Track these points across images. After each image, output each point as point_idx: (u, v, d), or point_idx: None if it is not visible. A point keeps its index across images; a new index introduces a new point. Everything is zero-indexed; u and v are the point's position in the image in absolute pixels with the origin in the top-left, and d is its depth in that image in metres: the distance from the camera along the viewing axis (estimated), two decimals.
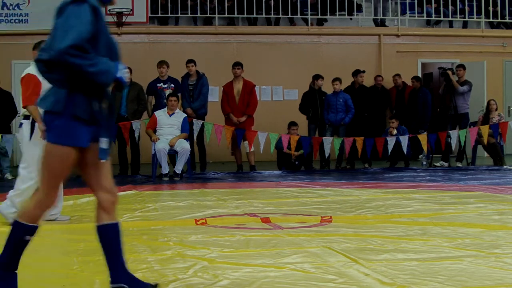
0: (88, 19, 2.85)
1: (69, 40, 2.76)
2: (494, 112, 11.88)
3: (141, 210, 6.28)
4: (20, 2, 12.98)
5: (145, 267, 3.77)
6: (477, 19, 14.99)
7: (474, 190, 7.62)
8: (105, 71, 2.86)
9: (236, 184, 9.20)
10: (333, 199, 6.97)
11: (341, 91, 11.63)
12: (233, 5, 13.95)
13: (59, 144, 2.90)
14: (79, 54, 2.78)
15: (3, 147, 10.08)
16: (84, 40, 2.81)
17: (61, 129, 2.90)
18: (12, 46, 13.17)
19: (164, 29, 13.96)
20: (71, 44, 2.76)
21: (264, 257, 4.03)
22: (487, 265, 3.71)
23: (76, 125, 2.89)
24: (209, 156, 12.11)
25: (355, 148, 11.21)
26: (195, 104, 10.80)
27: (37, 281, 3.47)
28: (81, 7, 2.86)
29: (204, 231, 5.02)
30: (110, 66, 2.89)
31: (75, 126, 2.89)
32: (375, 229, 5.01)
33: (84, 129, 2.92)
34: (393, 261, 3.84)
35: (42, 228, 5.15)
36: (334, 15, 14.35)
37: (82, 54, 2.79)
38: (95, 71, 2.82)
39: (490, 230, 4.88)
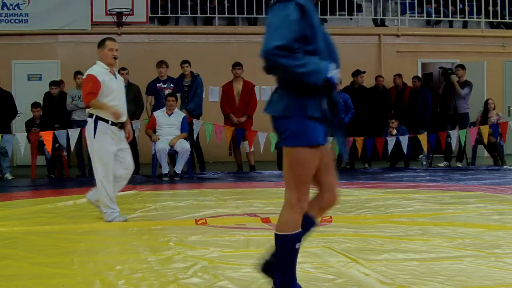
0: (294, 17, 2.75)
1: (275, 41, 2.70)
2: (492, 112, 11.88)
3: (141, 210, 6.28)
4: (20, 2, 12.98)
5: (145, 267, 3.77)
6: (477, 19, 14.99)
7: (474, 190, 7.62)
8: (315, 71, 2.75)
9: (236, 184, 9.20)
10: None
11: (341, 91, 11.62)
12: (233, 5, 13.96)
13: (300, 146, 2.84)
14: (287, 55, 2.70)
15: (3, 147, 10.08)
16: (291, 40, 2.72)
17: (298, 132, 2.83)
18: (12, 46, 13.18)
19: (164, 29, 13.96)
20: (277, 45, 2.69)
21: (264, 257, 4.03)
22: (487, 265, 3.71)
23: (311, 124, 2.83)
24: (209, 156, 12.12)
25: (355, 148, 11.21)
26: (190, 105, 10.79)
27: (37, 281, 3.47)
28: (287, 6, 2.77)
29: (204, 231, 5.02)
30: (321, 66, 2.78)
31: (310, 125, 2.83)
32: (375, 229, 5.01)
33: (319, 127, 2.86)
34: (393, 261, 3.84)
35: (42, 228, 5.18)
36: (334, 15, 14.35)
37: (290, 54, 2.71)
38: (304, 71, 2.73)
39: (490, 230, 4.88)
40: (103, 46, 5.74)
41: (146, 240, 4.73)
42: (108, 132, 5.60)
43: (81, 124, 10.55)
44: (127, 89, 10.65)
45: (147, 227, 5.34)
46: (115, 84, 5.73)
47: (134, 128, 10.47)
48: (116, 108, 5.59)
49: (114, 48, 5.73)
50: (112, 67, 5.75)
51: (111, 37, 5.94)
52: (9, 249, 4.37)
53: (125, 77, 10.71)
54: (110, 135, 5.61)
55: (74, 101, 10.67)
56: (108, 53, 5.69)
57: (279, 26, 2.73)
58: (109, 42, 5.75)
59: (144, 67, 12.37)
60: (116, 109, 5.58)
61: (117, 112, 5.57)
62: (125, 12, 13.01)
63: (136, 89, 10.74)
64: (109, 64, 5.71)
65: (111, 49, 5.70)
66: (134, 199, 7.26)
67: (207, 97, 13.03)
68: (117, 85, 5.77)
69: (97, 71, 5.67)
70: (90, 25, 13.26)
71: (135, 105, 10.68)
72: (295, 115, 2.83)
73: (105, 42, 5.75)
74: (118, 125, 5.66)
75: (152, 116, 10.22)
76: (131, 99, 10.64)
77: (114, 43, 5.78)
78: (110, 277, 3.53)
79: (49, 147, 10.03)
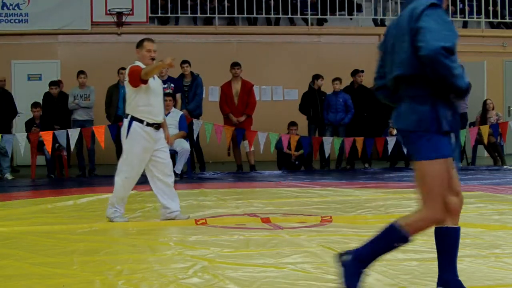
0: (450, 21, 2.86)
1: (441, 42, 2.75)
2: (491, 112, 11.88)
3: (141, 210, 6.28)
4: (20, 2, 12.98)
5: (145, 267, 3.77)
6: (477, 19, 14.99)
7: (474, 190, 7.62)
8: (461, 75, 2.82)
9: (236, 184, 9.20)
10: (333, 199, 6.96)
11: (341, 91, 11.63)
12: (233, 5, 13.95)
13: (434, 159, 2.88)
14: (449, 56, 2.76)
15: (3, 147, 10.08)
16: (454, 44, 2.79)
17: (432, 145, 2.88)
18: (12, 46, 13.17)
19: (164, 29, 13.95)
20: (443, 46, 2.74)
21: (264, 257, 4.03)
22: (487, 265, 3.71)
23: (443, 137, 2.90)
24: (209, 156, 12.12)
25: (355, 148, 11.21)
26: (190, 106, 10.80)
27: (37, 281, 3.47)
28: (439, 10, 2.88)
29: (204, 231, 5.02)
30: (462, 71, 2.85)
31: (443, 138, 2.89)
32: (375, 229, 4.98)
33: (448, 139, 2.92)
34: (393, 261, 3.84)
35: (42, 228, 5.18)
36: (334, 15, 14.34)
37: (452, 56, 2.77)
38: (458, 74, 2.79)
39: (490, 230, 4.88)
40: (141, 46, 5.67)
41: (146, 240, 4.73)
42: (142, 133, 5.48)
43: (82, 124, 10.56)
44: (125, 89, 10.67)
45: (147, 227, 5.34)
46: (153, 84, 5.66)
47: None
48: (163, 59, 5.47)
49: (152, 49, 5.64)
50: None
51: (150, 38, 5.83)
52: (9, 249, 4.37)
53: (124, 77, 10.71)
54: (144, 137, 5.48)
55: (76, 100, 10.68)
56: (146, 54, 5.62)
57: (441, 29, 2.81)
58: (147, 43, 5.66)
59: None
60: (164, 60, 5.47)
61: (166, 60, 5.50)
62: (125, 12, 13.01)
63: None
64: (146, 64, 5.64)
65: (149, 50, 5.62)
66: (134, 199, 7.25)
67: (207, 97, 13.02)
68: (155, 86, 5.67)
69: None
70: (90, 25, 13.25)
71: None
72: (429, 129, 2.89)
73: (143, 43, 5.68)
74: (154, 125, 5.53)
75: None
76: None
77: (152, 44, 5.69)
78: (110, 277, 3.53)
79: (49, 147, 10.03)
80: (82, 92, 10.76)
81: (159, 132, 5.59)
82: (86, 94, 10.73)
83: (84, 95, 10.73)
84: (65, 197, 7.40)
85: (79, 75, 10.81)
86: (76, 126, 10.50)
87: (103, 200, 7.19)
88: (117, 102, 10.64)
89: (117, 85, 10.76)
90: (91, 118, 10.80)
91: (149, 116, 5.52)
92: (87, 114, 10.77)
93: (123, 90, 10.65)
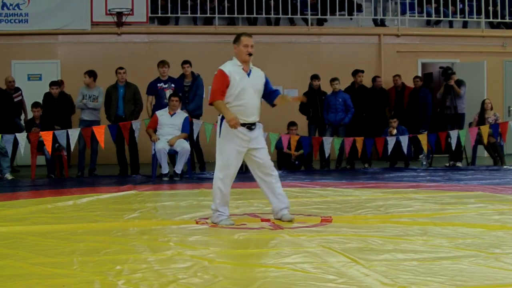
0: None
1: None
2: (490, 112, 11.88)
3: (141, 210, 6.28)
4: (20, 2, 12.98)
5: (145, 267, 3.76)
6: (477, 19, 14.99)
7: (474, 190, 7.62)
8: None
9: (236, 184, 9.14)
10: (333, 199, 6.96)
11: (341, 91, 11.63)
12: (233, 5, 13.95)
13: None
14: None
15: (3, 147, 10.08)
16: None
17: None
18: (12, 46, 13.18)
19: (164, 29, 13.96)
20: None
21: (264, 257, 4.03)
22: (488, 265, 3.71)
23: None
24: (209, 156, 12.10)
25: (355, 148, 11.21)
26: (190, 106, 10.79)
27: (37, 281, 3.47)
28: None
29: (204, 231, 5.02)
30: None
31: None
32: (375, 229, 5.01)
33: None
34: (393, 261, 3.84)
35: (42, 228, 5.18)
36: (334, 15, 14.35)
37: None
38: None
39: (490, 230, 4.88)
40: (238, 41, 5.49)
41: (146, 240, 4.72)
42: (236, 132, 5.32)
43: (90, 124, 10.56)
44: (125, 89, 10.67)
45: (147, 227, 5.34)
46: (246, 82, 5.41)
47: (134, 128, 10.51)
48: (232, 117, 5.24)
49: (250, 44, 5.45)
50: (246, 64, 5.49)
51: (247, 33, 5.66)
52: (9, 249, 4.37)
53: (122, 76, 10.71)
54: (236, 136, 5.34)
55: (84, 99, 10.66)
56: (243, 49, 5.43)
57: None
58: (244, 38, 5.48)
59: (144, 67, 12.38)
60: (233, 118, 5.24)
61: (232, 121, 5.24)
62: (125, 12, 13.01)
63: (134, 89, 10.73)
64: (243, 60, 5.46)
65: (246, 45, 5.43)
66: (134, 199, 7.26)
67: (207, 97, 13.00)
68: (249, 82, 5.43)
69: (228, 68, 5.46)
70: (90, 25, 13.26)
71: (133, 105, 10.69)
72: None
73: (241, 37, 5.50)
74: (246, 125, 5.36)
75: (154, 116, 10.21)
76: (129, 98, 10.66)
77: (249, 39, 5.50)
78: (110, 277, 3.53)
79: (49, 147, 10.03)
80: (91, 92, 10.73)
81: (253, 132, 5.40)
82: (94, 95, 10.71)
83: (92, 96, 10.70)
84: (65, 197, 7.40)
85: (85, 74, 10.80)
86: (83, 126, 10.51)
87: (103, 200, 7.20)
88: (117, 102, 10.64)
89: (116, 85, 10.75)
90: (98, 118, 10.80)
91: (240, 117, 5.31)
92: (94, 115, 10.74)
93: (122, 90, 10.70)
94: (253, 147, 5.40)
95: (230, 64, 5.52)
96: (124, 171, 10.77)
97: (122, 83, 10.70)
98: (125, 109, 10.62)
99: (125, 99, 10.63)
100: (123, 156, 10.79)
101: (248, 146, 5.37)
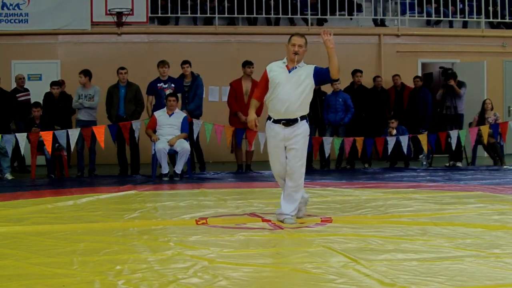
0: None
1: None
2: (490, 112, 11.88)
3: (141, 210, 6.28)
4: (20, 2, 12.98)
5: (145, 267, 3.76)
6: (477, 19, 14.99)
7: (474, 190, 7.62)
8: None
9: (236, 184, 9.20)
10: (333, 199, 6.96)
11: (340, 90, 11.63)
12: (233, 5, 13.96)
13: None
14: None
15: (3, 147, 10.08)
16: None
17: None
18: (12, 46, 13.19)
19: (164, 29, 13.96)
20: None
21: (264, 257, 4.03)
22: (488, 265, 3.71)
23: None
24: (209, 156, 12.11)
25: (355, 148, 11.21)
26: (190, 106, 10.79)
27: (37, 281, 3.47)
28: None
29: (204, 231, 5.02)
30: None
31: None
32: (375, 229, 5.01)
33: None
34: (393, 261, 3.84)
35: (42, 228, 5.18)
36: (334, 15, 14.35)
37: None
38: None
39: (490, 230, 4.88)
40: (288, 41, 5.63)
41: (146, 240, 4.72)
42: (270, 128, 5.52)
43: (86, 124, 10.55)
44: (126, 89, 10.67)
45: (147, 227, 5.34)
46: (284, 78, 5.50)
47: (134, 128, 10.51)
48: (251, 119, 5.61)
49: (297, 43, 5.55)
50: (292, 62, 5.58)
51: (299, 33, 5.78)
52: (9, 249, 4.37)
53: (123, 76, 10.71)
54: (273, 130, 5.49)
55: (80, 99, 10.64)
56: (290, 48, 5.56)
57: None
58: (293, 37, 5.61)
59: (144, 67, 12.39)
60: (250, 120, 5.61)
61: (249, 122, 5.65)
62: (125, 12, 13.01)
63: (136, 89, 10.72)
64: (290, 59, 5.59)
65: (293, 44, 5.55)
66: (134, 199, 7.25)
67: (207, 97, 13.03)
68: (288, 78, 5.51)
69: (271, 66, 5.65)
70: (90, 25, 13.27)
71: (134, 105, 10.68)
72: None
73: (291, 37, 5.63)
74: (282, 122, 5.45)
75: (152, 116, 10.22)
76: (130, 99, 10.66)
77: (297, 39, 5.60)
78: (110, 277, 3.53)
79: (49, 147, 10.03)
80: (87, 92, 10.72)
81: (287, 129, 5.46)
82: (90, 95, 10.69)
83: (88, 95, 10.68)
84: (65, 197, 7.40)
85: (80, 75, 10.79)
86: (79, 126, 10.49)
87: (103, 200, 7.20)
88: (118, 102, 10.64)
89: (117, 85, 10.75)
90: (94, 118, 10.77)
91: (275, 112, 5.49)
92: (90, 114, 10.71)
93: (123, 90, 10.70)
94: (287, 145, 5.50)
95: (278, 62, 5.68)
96: (124, 171, 10.77)
97: (123, 83, 10.69)
98: (126, 109, 10.61)
99: (126, 99, 10.62)
100: (124, 156, 10.79)
101: (284, 143, 5.49)
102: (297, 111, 5.46)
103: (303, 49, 5.56)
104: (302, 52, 5.56)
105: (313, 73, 5.59)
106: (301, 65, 5.60)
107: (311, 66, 5.65)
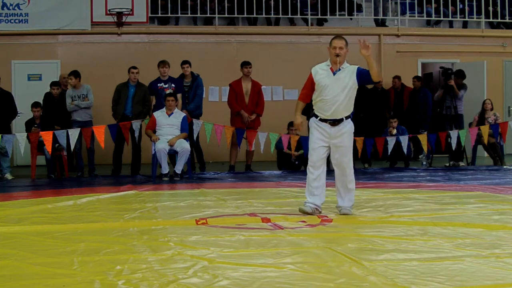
0: None
1: None
2: (490, 112, 11.89)
3: (141, 210, 6.28)
4: (20, 2, 12.98)
5: (145, 267, 3.76)
6: (477, 19, 14.99)
7: (474, 190, 7.62)
8: None
9: (236, 184, 9.20)
10: (333, 199, 6.96)
11: None
12: (233, 5, 13.96)
13: None
14: None
15: (3, 147, 10.08)
16: None
17: None
18: (12, 46, 13.19)
19: (164, 29, 13.96)
20: None
21: (264, 257, 4.03)
22: (488, 265, 3.71)
23: None
24: (209, 156, 12.11)
25: (355, 148, 11.17)
26: (190, 106, 10.78)
27: (37, 281, 3.47)
28: None
29: (204, 231, 5.02)
30: None
31: None
32: (375, 229, 5.01)
33: None
34: (393, 261, 3.84)
35: (42, 228, 5.18)
36: (334, 15, 14.35)
37: None
38: None
39: (490, 230, 4.88)
40: (330, 44, 5.81)
41: (146, 240, 4.72)
42: (315, 125, 5.87)
43: (83, 125, 10.54)
44: (136, 89, 10.64)
45: (147, 227, 5.34)
46: (329, 80, 5.76)
47: (134, 128, 10.50)
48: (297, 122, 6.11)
49: (337, 46, 5.75)
50: (335, 64, 5.78)
51: (340, 36, 5.96)
52: (9, 249, 4.37)
53: (134, 76, 10.68)
54: (317, 129, 5.86)
55: (74, 101, 10.61)
56: (332, 51, 5.77)
57: None
58: (334, 41, 5.80)
59: (144, 67, 12.35)
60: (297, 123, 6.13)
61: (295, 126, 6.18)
62: (125, 12, 13.01)
63: (145, 90, 10.68)
64: (332, 61, 5.78)
65: (334, 47, 5.75)
66: (134, 199, 7.25)
67: (207, 97, 13.03)
68: (332, 80, 5.77)
69: (316, 69, 5.85)
70: (90, 25, 13.27)
71: (142, 106, 10.64)
72: None
73: (332, 40, 5.83)
74: (328, 121, 5.81)
75: (152, 117, 10.21)
76: (138, 99, 10.63)
77: (338, 41, 5.78)
78: (110, 277, 3.53)
79: (49, 147, 10.03)
80: (79, 92, 10.66)
81: (333, 128, 5.86)
82: (83, 94, 10.65)
83: (81, 95, 10.64)
84: (65, 197, 7.40)
85: (69, 76, 10.69)
86: (76, 127, 10.46)
87: (103, 200, 7.20)
88: (126, 100, 10.59)
89: (127, 83, 10.70)
90: (90, 118, 10.74)
91: (322, 112, 5.82)
92: (87, 114, 10.68)
93: (133, 90, 10.67)
94: (334, 144, 5.93)
95: (321, 64, 5.90)
96: (117, 171, 10.71)
97: (133, 82, 10.64)
98: (133, 109, 10.57)
99: (134, 99, 10.57)
100: (119, 156, 10.73)
101: (330, 141, 5.88)
102: (343, 112, 5.87)
103: (344, 51, 5.78)
104: (344, 53, 5.79)
105: (356, 74, 5.84)
106: (345, 66, 5.86)
107: (354, 67, 5.88)
